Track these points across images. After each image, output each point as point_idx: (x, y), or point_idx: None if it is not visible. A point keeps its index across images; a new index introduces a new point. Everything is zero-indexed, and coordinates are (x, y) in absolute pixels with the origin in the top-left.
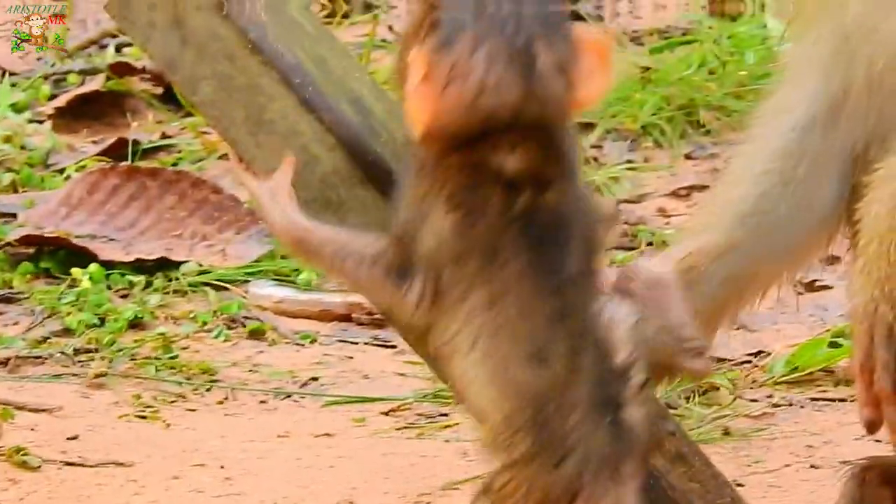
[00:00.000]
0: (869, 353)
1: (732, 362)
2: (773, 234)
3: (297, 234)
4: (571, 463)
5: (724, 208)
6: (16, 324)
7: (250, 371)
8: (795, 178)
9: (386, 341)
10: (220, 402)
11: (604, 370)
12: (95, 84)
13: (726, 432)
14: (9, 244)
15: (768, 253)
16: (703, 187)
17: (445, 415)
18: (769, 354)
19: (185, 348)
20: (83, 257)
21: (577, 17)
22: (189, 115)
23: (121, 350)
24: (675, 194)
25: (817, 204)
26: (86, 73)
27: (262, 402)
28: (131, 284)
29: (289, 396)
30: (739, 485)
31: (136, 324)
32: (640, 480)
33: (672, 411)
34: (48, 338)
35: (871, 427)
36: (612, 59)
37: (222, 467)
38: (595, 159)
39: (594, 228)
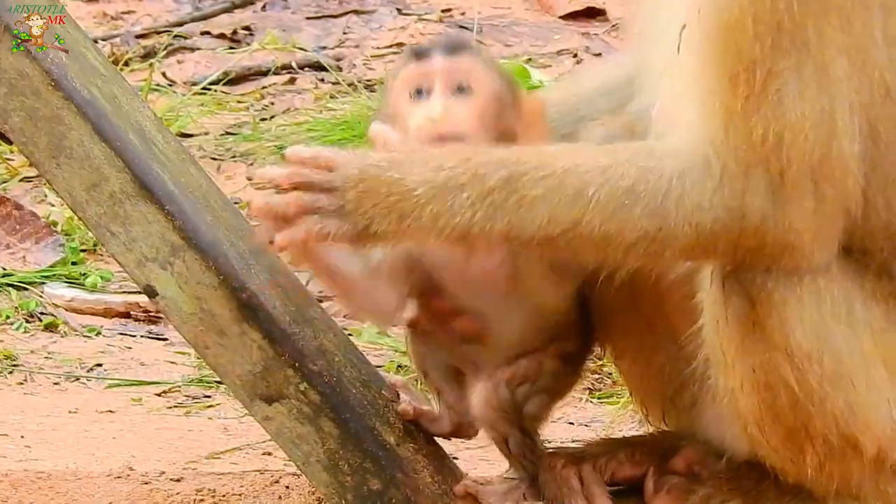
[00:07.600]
0: None
1: None
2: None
3: None
4: None
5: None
6: None
7: (46, 358)
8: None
9: (159, 334)
10: (21, 384)
11: None
12: None
13: None
14: None
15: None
16: None
17: (209, 396)
18: None
19: None
20: None
21: None
22: None
23: None
24: None
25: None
26: None
27: (55, 383)
28: None
29: (77, 379)
30: None
31: None
32: None
33: None
34: None
35: None
36: None
37: (22, 437)
38: None
39: None
